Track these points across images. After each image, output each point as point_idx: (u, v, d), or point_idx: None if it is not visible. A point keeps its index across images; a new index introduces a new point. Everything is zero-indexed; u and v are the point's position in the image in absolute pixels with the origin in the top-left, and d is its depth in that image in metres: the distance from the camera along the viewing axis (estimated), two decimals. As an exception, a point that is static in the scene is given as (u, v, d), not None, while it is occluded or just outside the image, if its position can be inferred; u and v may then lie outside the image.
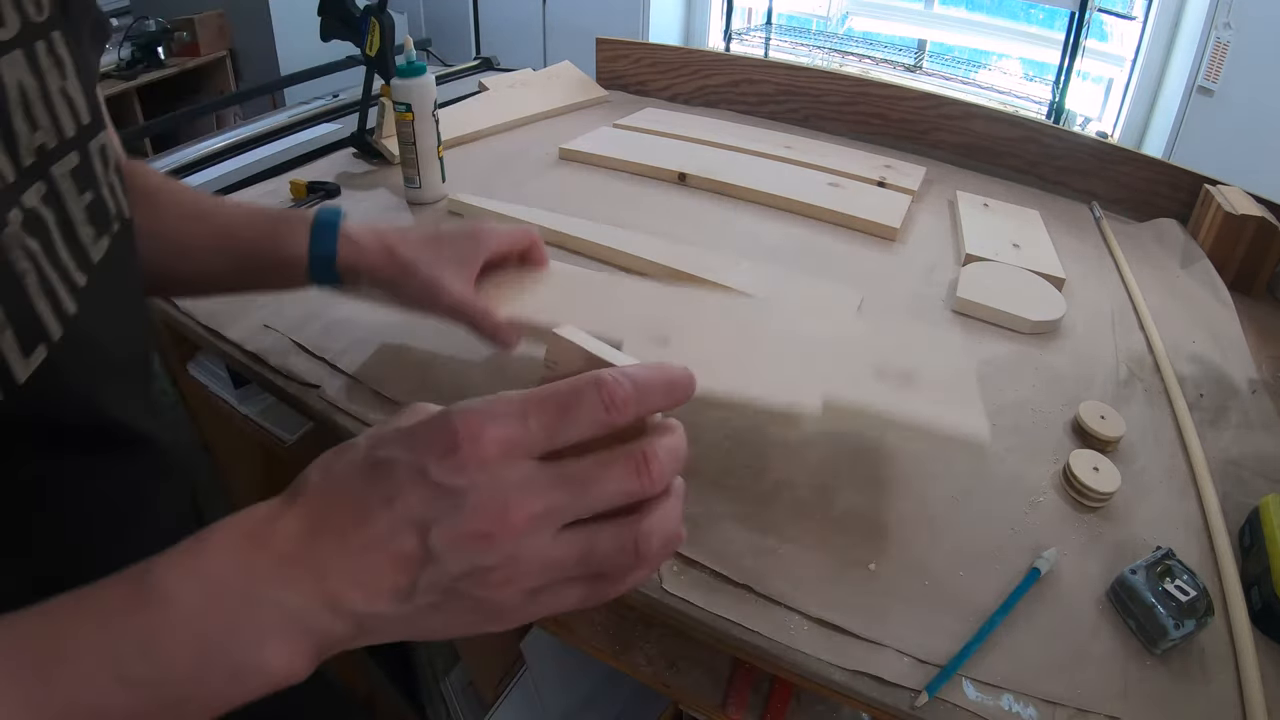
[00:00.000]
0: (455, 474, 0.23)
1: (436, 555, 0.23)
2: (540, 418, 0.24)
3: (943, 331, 0.54)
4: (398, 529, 0.23)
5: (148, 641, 0.22)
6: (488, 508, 0.23)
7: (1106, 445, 0.57)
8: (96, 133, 0.34)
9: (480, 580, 0.24)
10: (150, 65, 2.37)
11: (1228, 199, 0.86)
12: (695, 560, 0.46)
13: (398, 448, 0.24)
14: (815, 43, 2.50)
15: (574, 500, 0.24)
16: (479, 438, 0.23)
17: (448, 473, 0.23)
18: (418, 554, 0.23)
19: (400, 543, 0.23)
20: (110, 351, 0.35)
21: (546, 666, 0.75)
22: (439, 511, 0.23)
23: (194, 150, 1.03)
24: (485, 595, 0.24)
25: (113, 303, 0.35)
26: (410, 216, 0.86)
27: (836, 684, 0.41)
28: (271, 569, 0.23)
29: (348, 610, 0.23)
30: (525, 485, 0.24)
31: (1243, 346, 0.71)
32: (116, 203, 0.36)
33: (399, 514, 0.23)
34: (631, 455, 0.25)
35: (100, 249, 0.33)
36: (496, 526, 0.23)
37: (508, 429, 0.24)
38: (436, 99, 0.84)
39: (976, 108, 1.10)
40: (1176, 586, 0.43)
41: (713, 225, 0.87)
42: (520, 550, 0.24)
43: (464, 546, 0.23)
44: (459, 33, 2.81)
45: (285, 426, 0.78)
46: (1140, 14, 1.98)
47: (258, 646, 0.22)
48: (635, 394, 0.24)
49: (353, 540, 0.23)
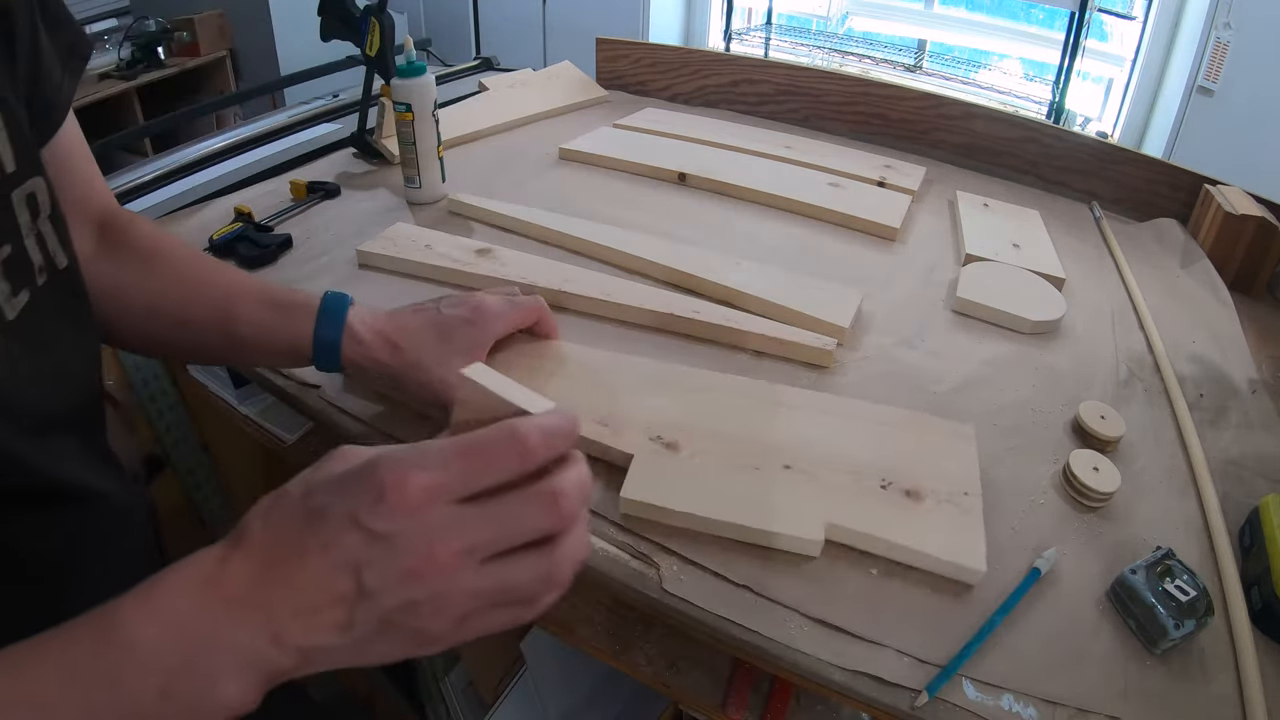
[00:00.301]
0: (384, 520, 0.25)
1: (370, 593, 0.26)
2: (460, 465, 0.26)
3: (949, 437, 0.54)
4: (335, 572, 0.26)
5: (114, 680, 0.24)
6: (415, 549, 0.26)
7: (1106, 445, 0.57)
8: (23, 181, 0.33)
9: (413, 613, 0.26)
10: (150, 65, 2.37)
11: (1228, 199, 0.86)
12: (695, 560, 0.46)
13: (330, 496, 0.27)
14: (815, 43, 2.50)
15: (494, 538, 0.27)
16: (404, 486, 0.26)
17: (377, 519, 0.26)
18: (353, 593, 0.26)
19: (338, 584, 0.26)
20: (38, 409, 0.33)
21: (546, 666, 0.75)
22: (371, 555, 0.26)
23: (194, 150, 1.03)
24: (419, 625, 0.27)
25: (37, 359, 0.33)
26: (410, 216, 0.86)
27: (836, 684, 0.41)
28: (223, 610, 0.25)
29: (292, 645, 0.26)
30: (448, 527, 0.26)
31: (1243, 346, 0.71)
32: (45, 253, 0.35)
33: (335, 558, 0.26)
34: (542, 494, 0.27)
35: (17, 305, 0.32)
36: (424, 565, 0.26)
37: (430, 477, 0.26)
38: (436, 99, 0.84)
39: (976, 108, 1.10)
40: (1176, 586, 0.43)
41: (713, 225, 0.87)
42: (447, 585, 0.26)
43: (396, 585, 0.26)
44: (459, 33, 2.81)
45: (285, 426, 0.78)
46: (1140, 14, 1.98)
47: (213, 682, 0.25)
48: (545, 441, 0.27)
49: (295, 582, 0.26)
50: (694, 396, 0.56)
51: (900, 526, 0.47)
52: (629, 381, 0.57)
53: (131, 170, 0.97)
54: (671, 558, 0.46)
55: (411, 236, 0.77)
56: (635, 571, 0.46)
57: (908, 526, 0.47)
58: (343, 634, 0.26)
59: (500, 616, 0.29)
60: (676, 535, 0.47)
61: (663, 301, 0.68)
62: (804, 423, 0.54)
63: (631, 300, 0.68)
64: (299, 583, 0.26)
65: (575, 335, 0.66)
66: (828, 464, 0.51)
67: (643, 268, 0.76)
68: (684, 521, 0.47)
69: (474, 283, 0.72)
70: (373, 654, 0.27)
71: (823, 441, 0.53)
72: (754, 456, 0.51)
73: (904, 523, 0.47)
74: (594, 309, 0.69)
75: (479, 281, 0.72)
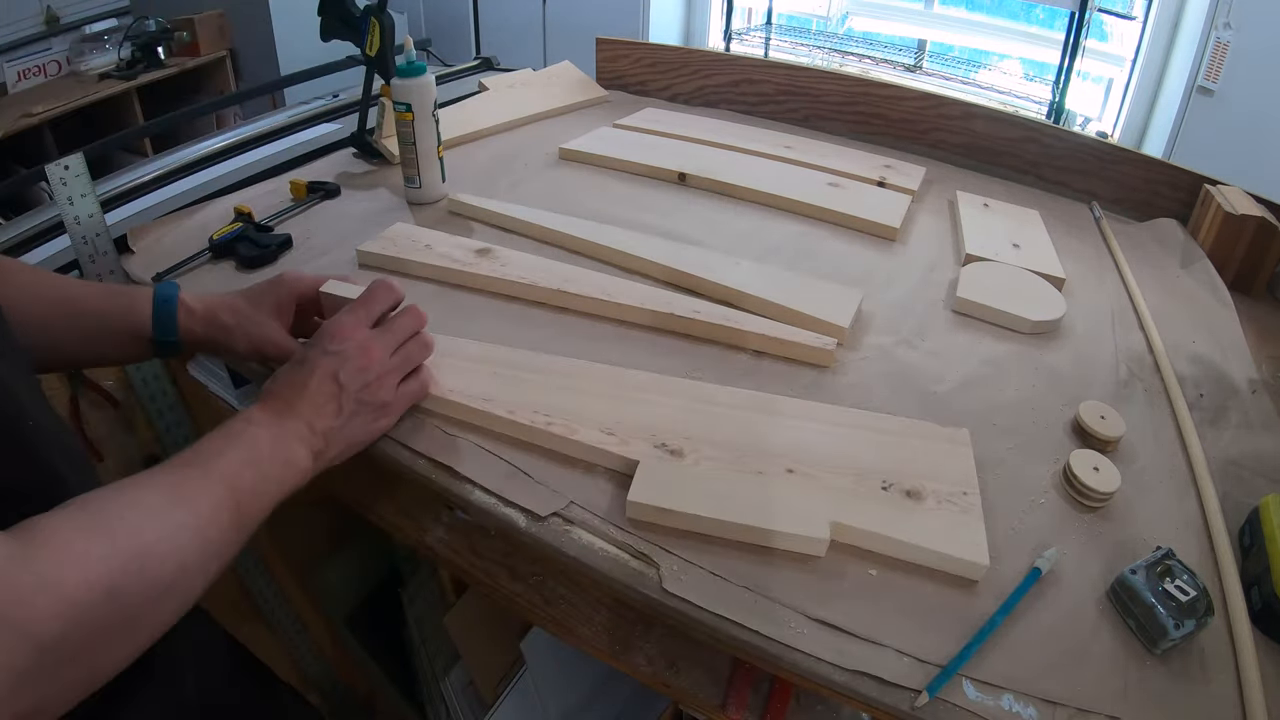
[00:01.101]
0: (337, 344, 0.49)
1: (344, 384, 0.49)
2: (362, 307, 0.52)
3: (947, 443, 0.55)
4: (325, 380, 0.48)
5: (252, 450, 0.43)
6: (359, 354, 0.49)
7: (1106, 445, 0.57)
8: None
9: (370, 389, 0.50)
10: (150, 65, 2.37)
11: (1228, 199, 0.86)
12: (695, 561, 0.46)
13: (308, 350, 0.50)
14: (815, 43, 2.49)
15: (394, 339, 0.52)
16: (341, 326, 0.50)
17: (334, 344, 0.49)
18: (337, 388, 0.48)
19: (328, 386, 0.48)
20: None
21: (546, 666, 0.75)
22: (337, 364, 0.49)
23: (194, 150, 1.03)
24: (373, 398, 0.50)
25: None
26: (410, 216, 0.86)
27: (836, 684, 0.41)
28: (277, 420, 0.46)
29: (320, 429, 0.47)
30: (371, 339, 0.50)
31: (1243, 346, 0.71)
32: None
33: (321, 374, 0.48)
34: (409, 310, 0.53)
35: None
36: (366, 359, 0.50)
37: (352, 317, 0.51)
38: (436, 99, 0.84)
39: (976, 108, 1.10)
40: (1176, 586, 0.43)
41: (713, 225, 0.87)
42: (381, 367, 0.50)
43: (356, 375, 0.49)
44: (459, 33, 2.81)
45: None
46: (1140, 14, 1.98)
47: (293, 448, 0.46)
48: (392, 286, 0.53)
49: (307, 394, 0.48)
50: (697, 406, 0.56)
51: (904, 525, 0.47)
52: (633, 392, 0.57)
53: (131, 170, 0.97)
54: (672, 558, 0.46)
55: (411, 236, 0.77)
56: (635, 571, 0.46)
57: (911, 525, 0.47)
58: (339, 415, 0.48)
59: (412, 383, 0.53)
60: (682, 538, 0.48)
61: (663, 301, 0.68)
62: (805, 430, 0.55)
63: (631, 300, 0.68)
64: (309, 394, 0.47)
65: (575, 335, 0.66)
66: (829, 468, 0.51)
67: (643, 268, 0.76)
68: (690, 524, 0.48)
69: (474, 283, 0.72)
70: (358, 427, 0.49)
71: (824, 447, 0.53)
72: (757, 462, 0.51)
73: (907, 521, 0.47)
74: (594, 309, 0.69)
75: (479, 281, 0.72)
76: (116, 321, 0.55)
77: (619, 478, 0.52)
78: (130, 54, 2.33)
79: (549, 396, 0.56)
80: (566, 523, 0.49)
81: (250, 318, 0.56)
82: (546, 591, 0.57)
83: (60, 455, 0.39)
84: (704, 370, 0.63)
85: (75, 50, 2.34)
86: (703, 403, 0.57)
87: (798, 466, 0.51)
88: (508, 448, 0.54)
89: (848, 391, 0.61)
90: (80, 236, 0.72)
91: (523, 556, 0.59)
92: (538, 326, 0.67)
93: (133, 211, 0.88)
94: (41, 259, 0.80)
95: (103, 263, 0.74)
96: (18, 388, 0.38)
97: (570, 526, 0.49)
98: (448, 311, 0.67)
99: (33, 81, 2.27)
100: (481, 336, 0.63)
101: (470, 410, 0.55)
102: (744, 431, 0.54)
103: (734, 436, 0.53)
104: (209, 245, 0.76)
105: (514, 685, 0.77)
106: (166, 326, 0.55)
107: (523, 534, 0.49)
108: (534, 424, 0.53)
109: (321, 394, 0.48)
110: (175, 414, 0.88)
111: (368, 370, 0.49)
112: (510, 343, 0.62)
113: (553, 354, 0.61)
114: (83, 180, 0.72)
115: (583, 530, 0.48)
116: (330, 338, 0.49)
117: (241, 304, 0.57)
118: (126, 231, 0.78)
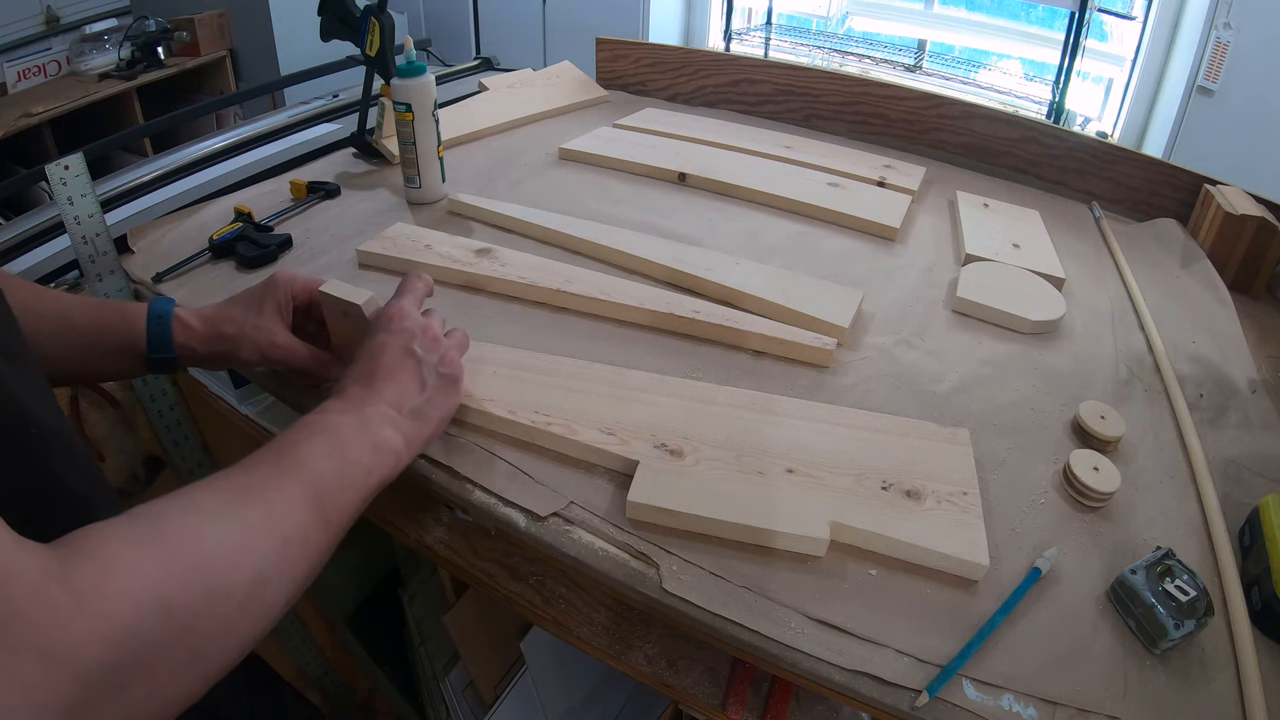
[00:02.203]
0: (399, 323, 0.50)
1: (421, 357, 0.49)
2: (410, 295, 0.53)
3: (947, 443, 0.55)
4: (402, 356, 0.48)
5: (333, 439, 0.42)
6: (425, 332, 0.50)
7: (1106, 445, 0.57)
8: None
9: (444, 361, 0.50)
10: (150, 65, 2.37)
11: (1228, 199, 0.86)
12: (695, 561, 0.46)
13: (370, 338, 0.50)
14: (815, 43, 2.49)
15: (440, 326, 0.52)
16: (400, 308, 0.51)
17: (396, 323, 0.50)
18: (414, 362, 0.49)
19: (408, 361, 0.49)
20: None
21: (546, 666, 0.75)
22: (408, 340, 0.49)
23: (194, 150, 1.03)
24: (448, 371, 0.50)
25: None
26: (410, 216, 0.86)
27: (836, 684, 0.41)
28: (362, 403, 0.45)
29: (407, 407, 0.47)
30: (427, 320, 0.51)
31: (1243, 346, 0.71)
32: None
33: (395, 351, 0.48)
34: (435, 312, 0.54)
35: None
36: (432, 335, 0.51)
37: (407, 302, 0.52)
38: (436, 99, 0.84)
39: (976, 108, 1.10)
40: (1176, 586, 0.43)
41: (712, 225, 0.87)
42: (444, 342, 0.51)
43: (429, 347, 0.50)
44: (459, 33, 2.81)
45: (285, 426, 0.78)
46: (1140, 14, 1.98)
47: (380, 431, 0.44)
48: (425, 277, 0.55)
49: (386, 371, 0.47)
50: (697, 406, 0.56)
51: (904, 525, 0.47)
52: (633, 392, 0.57)
53: (131, 170, 0.97)
54: (672, 558, 0.46)
55: (411, 236, 0.77)
56: (635, 571, 0.46)
57: (911, 525, 0.47)
58: (423, 390, 0.48)
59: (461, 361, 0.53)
60: (682, 538, 0.48)
61: (663, 301, 0.68)
62: (805, 430, 0.55)
63: (631, 300, 0.68)
64: (386, 370, 0.47)
65: (575, 335, 0.66)
66: (829, 468, 0.51)
67: (643, 268, 0.76)
68: (690, 524, 0.48)
69: (474, 283, 0.72)
70: (440, 401, 0.49)
71: (824, 447, 0.53)
72: (757, 462, 0.51)
73: (907, 521, 0.47)
74: (594, 309, 0.69)
75: (479, 281, 0.72)
76: (110, 338, 0.54)
77: (619, 478, 0.52)
78: (130, 54, 2.33)
79: (549, 396, 0.56)
80: (566, 523, 0.49)
81: (253, 324, 0.55)
82: (546, 591, 0.57)
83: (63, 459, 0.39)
84: (704, 370, 0.63)
85: (75, 50, 2.34)
86: (703, 403, 0.57)
87: (798, 466, 0.51)
88: (508, 448, 0.54)
89: (847, 392, 0.61)
90: (80, 236, 0.73)
91: (523, 556, 0.59)
92: (538, 326, 0.67)
93: (133, 211, 0.88)
94: (41, 259, 0.80)
95: (102, 263, 0.74)
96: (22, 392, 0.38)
97: (570, 526, 0.49)
98: (448, 311, 0.66)
99: (33, 81, 2.27)
100: (481, 336, 0.63)
101: (470, 410, 0.55)
102: (744, 432, 0.54)
103: (734, 436, 0.54)
104: (209, 245, 0.76)
105: (514, 685, 0.77)
106: (161, 344, 0.54)
107: (523, 534, 0.49)
108: (534, 424, 0.53)
109: (402, 369, 0.47)
110: (175, 414, 0.88)
111: (439, 342, 0.50)
112: (510, 343, 0.62)
113: (553, 354, 0.61)
114: (83, 180, 0.72)
115: (583, 530, 0.48)
116: (390, 319, 0.50)
117: (240, 312, 0.56)
118: (126, 231, 0.78)
